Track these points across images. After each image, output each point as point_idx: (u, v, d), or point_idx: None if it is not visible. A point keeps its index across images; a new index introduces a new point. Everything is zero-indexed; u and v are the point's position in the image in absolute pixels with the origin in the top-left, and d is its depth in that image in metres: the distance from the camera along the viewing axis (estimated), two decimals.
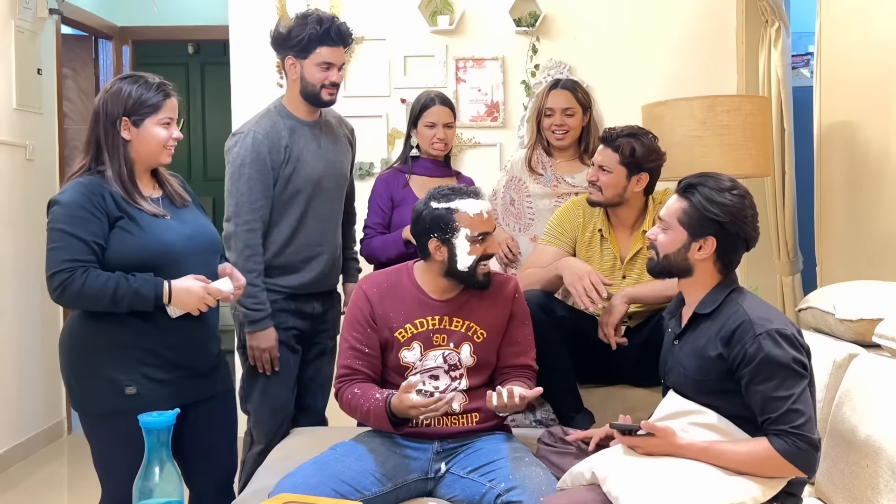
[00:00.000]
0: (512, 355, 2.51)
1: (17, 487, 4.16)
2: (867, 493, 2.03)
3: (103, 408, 2.39)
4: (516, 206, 3.37)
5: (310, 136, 2.98)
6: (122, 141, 2.37)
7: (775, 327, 2.02)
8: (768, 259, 4.11)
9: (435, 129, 3.20)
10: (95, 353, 2.39)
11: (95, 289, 2.28)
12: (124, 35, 5.96)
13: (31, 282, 4.69)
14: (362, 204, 3.31)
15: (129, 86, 2.38)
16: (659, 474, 1.99)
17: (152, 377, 2.39)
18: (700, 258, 2.14)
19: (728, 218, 2.11)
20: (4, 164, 4.45)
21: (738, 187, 2.16)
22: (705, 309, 2.15)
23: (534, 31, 4.37)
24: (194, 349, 2.47)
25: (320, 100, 2.95)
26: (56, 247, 2.29)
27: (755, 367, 2.00)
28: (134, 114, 2.37)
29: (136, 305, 2.32)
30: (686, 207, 2.15)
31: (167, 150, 2.43)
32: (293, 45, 2.90)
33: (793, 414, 1.96)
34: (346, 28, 2.95)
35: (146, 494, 1.75)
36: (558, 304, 2.86)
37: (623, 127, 2.87)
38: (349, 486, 2.23)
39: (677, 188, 2.21)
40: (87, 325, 2.40)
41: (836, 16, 3.50)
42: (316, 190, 2.96)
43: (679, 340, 2.21)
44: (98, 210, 2.31)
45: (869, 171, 3.32)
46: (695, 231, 2.13)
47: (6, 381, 4.42)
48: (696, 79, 4.23)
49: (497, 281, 2.52)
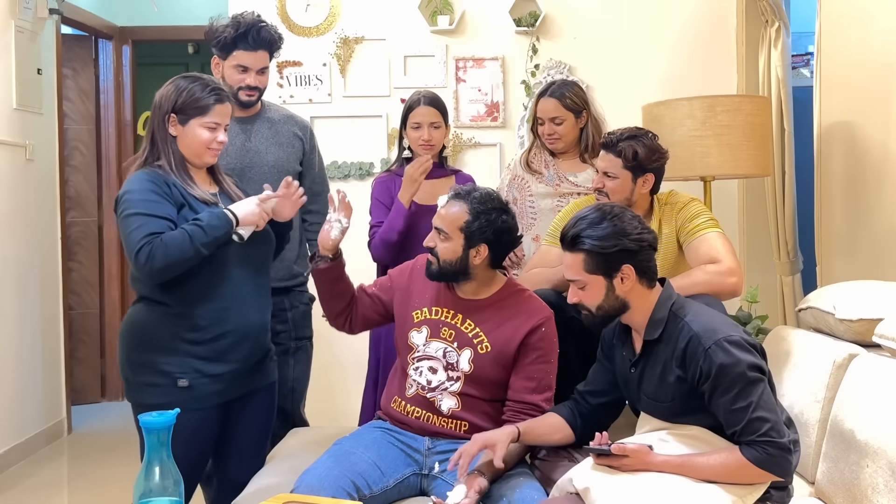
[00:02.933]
0: (525, 390, 2.43)
1: (17, 487, 4.16)
2: (867, 493, 2.03)
3: (155, 399, 2.43)
4: (519, 206, 3.37)
5: (237, 130, 3.04)
6: (169, 136, 2.49)
7: (722, 336, 2.03)
8: (768, 259, 4.11)
9: (420, 131, 3.16)
10: (151, 346, 2.47)
11: (176, 244, 2.35)
12: (124, 35, 5.96)
13: (32, 282, 4.70)
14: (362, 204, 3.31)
15: (184, 84, 2.49)
16: (637, 486, 2.01)
17: (205, 372, 2.46)
18: (628, 288, 2.15)
19: (628, 241, 2.12)
20: (4, 164, 4.45)
21: (605, 206, 2.20)
22: (653, 334, 2.15)
23: (534, 31, 4.37)
24: (247, 344, 2.53)
25: (238, 100, 3.01)
26: (134, 228, 2.37)
27: (713, 381, 2.02)
28: (181, 112, 2.48)
29: (215, 240, 2.41)
30: (584, 258, 2.15)
31: (211, 152, 2.53)
32: (215, 45, 3.00)
33: (756, 423, 1.98)
34: (269, 34, 2.99)
35: (146, 494, 1.75)
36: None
37: (622, 130, 2.85)
38: (364, 480, 2.27)
39: (562, 242, 2.21)
40: (144, 318, 2.49)
41: (836, 15, 3.50)
42: (237, 180, 2.95)
43: (635, 369, 2.22)
44: (166, 195, 2.43)
45: (869, 171, 3.32)
46: (608, 270, 2.14)
47: (6, 381, 4.42)
48: (696, 79, 4.23)
49: (529, 304, 2.50)
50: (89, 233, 5.78)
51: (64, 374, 5.03)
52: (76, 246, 5.70)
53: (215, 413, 2.51)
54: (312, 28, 4.46)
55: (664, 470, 2.04)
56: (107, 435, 5.08)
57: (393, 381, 2.57)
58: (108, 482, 4.17)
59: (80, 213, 5.73)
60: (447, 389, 2.43)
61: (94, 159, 5.78)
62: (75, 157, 5.68)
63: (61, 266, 5.06)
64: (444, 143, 3.29)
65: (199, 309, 2.45)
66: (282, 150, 3.13)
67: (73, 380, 5.34)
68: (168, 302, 2.46)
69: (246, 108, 3.08)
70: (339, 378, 4.20)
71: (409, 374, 2.47)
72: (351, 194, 3.35)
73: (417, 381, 2.45)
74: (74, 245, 5.67)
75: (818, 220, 3.61)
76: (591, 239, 2.13)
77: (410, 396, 2.47)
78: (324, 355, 3.59)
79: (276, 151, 3.11)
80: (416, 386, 2.46)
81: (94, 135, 5.78)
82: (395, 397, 2.51)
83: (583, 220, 2.18)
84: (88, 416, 5.41)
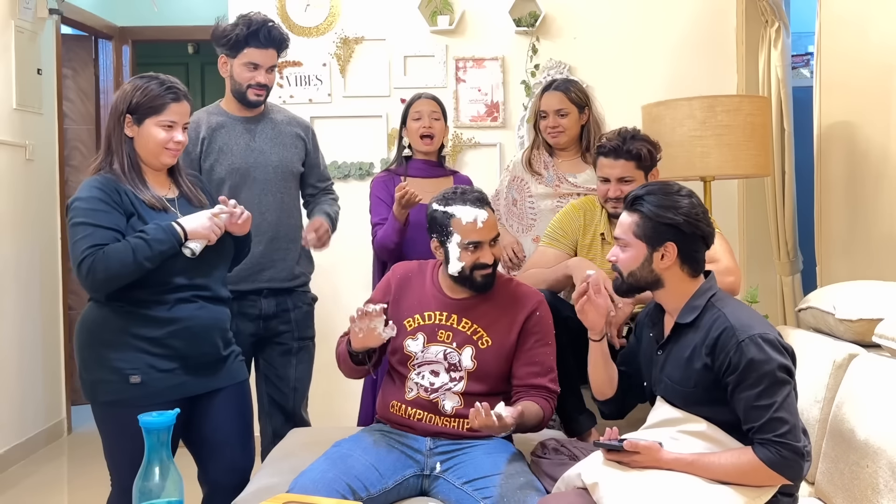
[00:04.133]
0: (530, 375, 2.46)
1: (17, 487, 4.16)
2: (867, 493, 2.03)
3: (109, 396, 2.43)
4: (518, 207, 3.37)
5: (241, 130, 3.06)
6: (125, 137, 2.45)
7: (758, 332, 2.02)
8: (768, 259, 4.11)
9: (421, 121, 3.22)
10: (103, 343, 2.43)
11: (117, 258, 2.33)
12: (124, 35, 5.96)
13: (32, 282, 4.70)
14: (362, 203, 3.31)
15: (140, 83, 2.46)
16: (646, 484, 2.00)
17: (158, 367, 2.42)
18: (665, 267, 2.14)
19: (681, 219, 2.12)
20: (4, 164, 4.45)
21: (684, 188, 2.18)
22: (686, 318, 2.14)
23: (534, 31, 4.37)
24: (200, 340, 2.49)
25: (247, 99, 3.03)
26: (79, 238, 2.36)
27: (740, 374, 2.00)
28: (136, 112, 2.44)
29: (160, 254, 2.37)
30: (638, 220, 2.15)
31: (168, 152, 2.48)
32: (224, 44, 3.01)
33: (776, 422, 1.96)
34: (279, 33, 3.02)
35: (146, 494, 1.75)
36: (564, 304, 2.85)
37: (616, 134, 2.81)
38: (360, 483, 2.25)
39: (624, 204, 2.22)
40: (97, 316, 2.46)
41: (836, 16, 3.50)
42: (241, 179, 3.02)
43: (662, 351, 2.21)
44: (115, 204, 2.39)
45: (869, 171, 3.32)
46: (653, 241, 2.13)
47: (6, 381, 4.42)
48: (696, 79, 4.23)
49: (519, 292, 2.51)
50: None
51: (64, 374, 5.04)
52: None
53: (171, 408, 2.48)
54: (312, 28, 4.46)
55: (675, 468, 2.03)
56: None
57: (388, 388, 2.56)
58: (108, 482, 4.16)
59: None
60: (450, 390, 2.43)
61: None
62: (75, 157, 5.68)
63: (61, 266, 5.06)
64: (443, 143, 3.30)
65: (147, 309, 2.42)
66: (285, 151, 3.13)
67: (73, 380, 5.33)
68: (118, 300, 2.43)
69: (253, 107, 3.09)
70: (340, 378, 4.15)
71: (410, 377, 2.47)
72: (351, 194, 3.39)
73: (419, 384, 2.44)
74: None
75: (818, 220, 3.61)
76: (650, 204, 2.14)
77: (411, 399, 2.46)
78: (324, 355, 3.58)
79: (279, 152, 3.11)
80: (418, 389, 2.45)
81: (94, 135, 5.77)
82: (392, 402, 2.50)
83: (658, 185, 2.19)
84: (88, 416, 5.32)
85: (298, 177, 3.20)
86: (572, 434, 2.76)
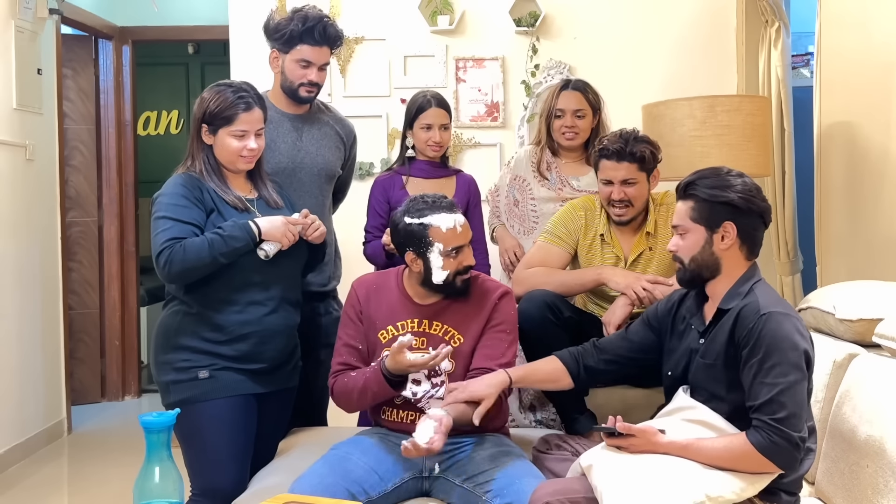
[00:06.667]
0: (480, 358, 2.43)
1: (17, 487, 4.16)
2: (867, 493, 2.03)
3: (180, 395, 2.50)
4: (520, 208, 3.36)
5: (289, 127, 3.00)
6: (204, 144, 2.59)
7: (782, 310, 2.02)
8: (768, 259, 4.11)
9: (431, 132, 3.16)
10: (175, 347, 2.55)
11: (194, 251, 2.43)
12: (124, 35, 5.96)
13: (32, 282, 4.70)
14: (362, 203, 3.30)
15: (211, 94, 2.56)
16: (640, 467, 2.01)
17: (224, 364, 2.53)
18: (725, 247, 2.14)
19: (736, 196, 2.12)
20: (4, 164, 4.45)
21: (734, 170, 2.19)
22: (729, 304, 2.12)
23: (534, 31, 4.37)
24: (270, 344, 2.57)
25: (298, 96, 2.98)
26: (160, 231, 2.47)
27: (754, 345, 2.00)
28: (211, 122, 2.56)
29: (235, 251, 2.47)
30: (693, 204, 2.16)
31: (243, 160, 2.59)
32: (277, 38, 2.95)
33: (775, 405, 1.95)
34: (334, 30, 2.96)
35: (146, 494, 1.75)
36: (565, 304, 2.84)
37: (618, 136, 2.80)
38: (360, 487, 2.25)
39: (677, 192, 2.21)
40: (168, 320, 2.58)
41: (836, 16, 3.50)
42: (286, 180, 2.93)
43: (704, 338, 2.18)
44: (196, 200, 2.51)
45: (869, 171, 3.32)
46: (711, 222, 2.14)
47: (6, 381, 4.42)
48: (696, 79, 4.23)
49: (484, 287, 2.51)
50: (89, 233, 5.78)
51: (64, 374, 5.04)
52: (76, 246, 5.70)
53: (243, 401, 2.55)
54: None
55: (669, 451, 2.04)
56: (107, 435, 5.08)
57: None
58: (108, 482, 4.17)
59: (80, 213, 5.73)
60: (433, 396, 2.44)
61: (94, 159, 5.78)
62: (75, 157, 5.68)
63: (61, 266, 5.06)
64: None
65: (219, 312, 2.52)
66: (330, 153, 3.09)
67: (73, 380, 5.35)
68: (189, 302, 2.53)
69: (303, 104, 3.03)
70: None
71: None
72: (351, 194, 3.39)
73: (402, 396, 2.44)
74: (74, 245, 5.67)
75: (818, 220, 3.61)
76: (703, 186, 2.14)
77: (399, 404, 2.47)
78: None
79: (325, 154, 3.06)
80: (402, 399, 2.45)
81: (94, 135, 5.78)
82: (383, 408, 2.49)
83: (708, 169, 2.20)
84: (88, 416, 5.41)
85: (337, 179, 3.16)
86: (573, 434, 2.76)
